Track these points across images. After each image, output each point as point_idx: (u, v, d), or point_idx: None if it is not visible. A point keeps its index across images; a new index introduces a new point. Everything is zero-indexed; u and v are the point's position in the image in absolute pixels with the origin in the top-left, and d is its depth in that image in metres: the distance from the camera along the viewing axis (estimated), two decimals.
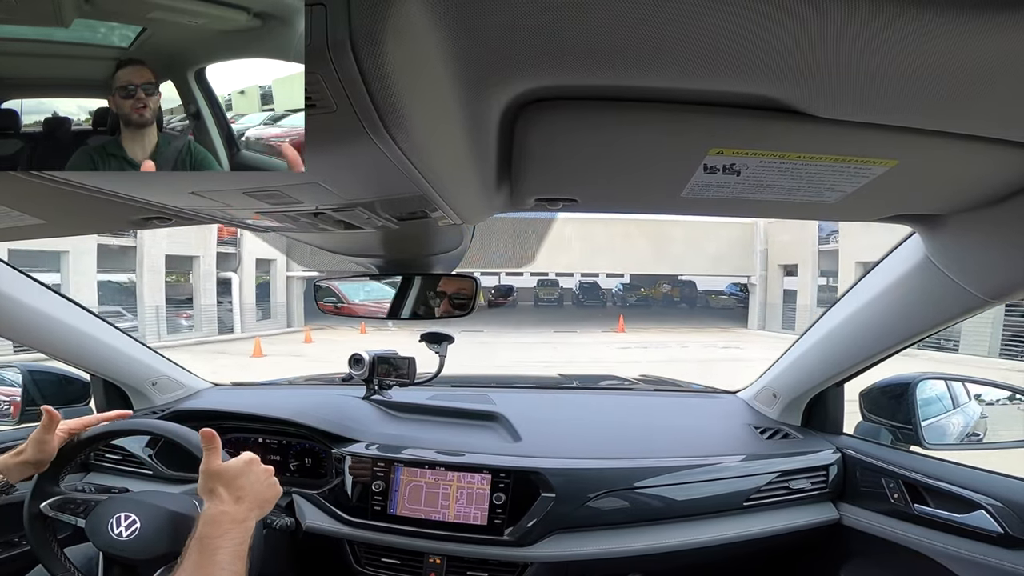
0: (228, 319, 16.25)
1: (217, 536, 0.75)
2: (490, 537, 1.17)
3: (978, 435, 1.30)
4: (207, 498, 0.81)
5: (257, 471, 0.86)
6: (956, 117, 0.51)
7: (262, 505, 0.84)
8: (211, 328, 15.50)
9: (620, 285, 26.86)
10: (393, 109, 0.40)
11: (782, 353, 1.45)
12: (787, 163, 0.60)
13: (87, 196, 0.61)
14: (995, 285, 0.86)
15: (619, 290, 26.73)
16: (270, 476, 0.88)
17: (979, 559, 1.02)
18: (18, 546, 1.30)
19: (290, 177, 0.55)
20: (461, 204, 0.73)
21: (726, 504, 1.23)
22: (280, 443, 1.39)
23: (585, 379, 1.96)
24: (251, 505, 0.82)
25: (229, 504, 0.79)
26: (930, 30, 0.36)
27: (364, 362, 1.53)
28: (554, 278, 26.72)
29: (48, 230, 0.88)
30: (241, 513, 0.80)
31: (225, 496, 0.80)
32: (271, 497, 0.87)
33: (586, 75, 0.46)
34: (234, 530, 0.77)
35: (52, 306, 1.28)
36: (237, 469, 0.84)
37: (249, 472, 0.85)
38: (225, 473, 0.82)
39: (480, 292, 1.36)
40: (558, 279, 26.62)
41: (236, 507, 0.80)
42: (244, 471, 0.84)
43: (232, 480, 0.82)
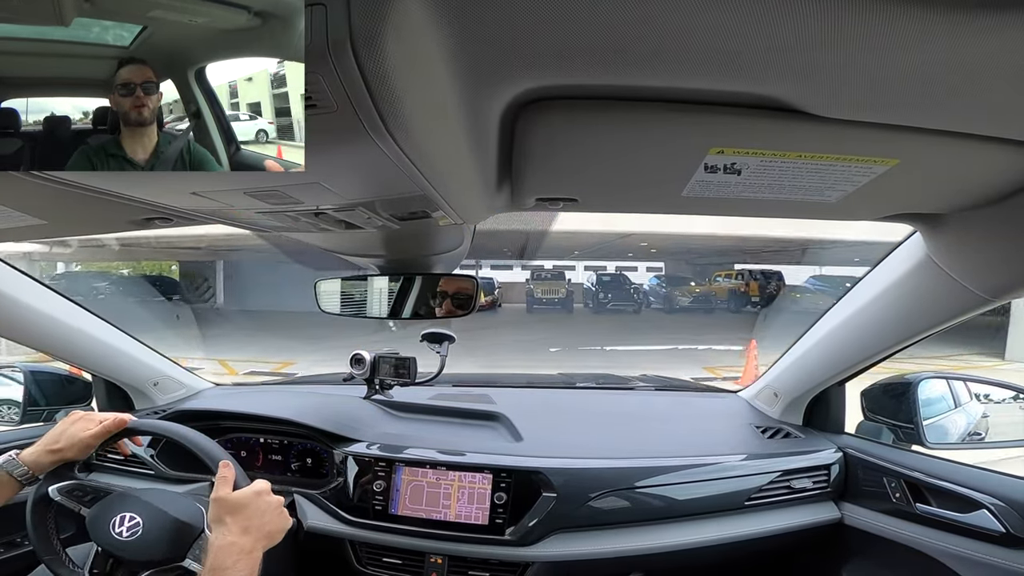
0: None
1: (227, 568, 0.77)
2: (491, 537, 1.17)
3: (980, 434, 1.30)
4: (215, 526, 0.82)
5: (267, 502, 0.87)
6: (957, 116, 0.51)
7: (270, 536, 0.85)
8: None
9: (655, 279, 17.99)
10: (393, 109, 0.40)
11: (783, 352, 1.45)
12: (788, 162, 0.60)
13: (88, 197, 0.61)
14: (996, 283, 0.86)
15: (653, 286, 17.33)
16: (280, 507, 0.89)
17: (981, 558, 1.02)
18: (20, 546, 1.31)
19: (291, 177, 0.55)
20: (461, 204, 0.73)
21: (728, 504, 1.23)
22: (281, 443, 1.39)
23: (586, 378, 1.96)
24: (258, 536, 0.83)
25: (237, 535, 0.81)
26: (931, 29, 0.36)
27: (365, 362, 1.53)
28: (557, 268, 18.18)
29: (48, 231, 0.88)
30: (248, 544, 0.81)
31: (233, 528, 0.81)
32: (280, 529, 0.88)
33: (586, 75, 0.45)
34: (243, 561, 0.78)
35: (53, 306, 1.28)
36: (247, 500, 0.85)
37: (258, 503, 0.86)
38: (235, 504, 0.83)
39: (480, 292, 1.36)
40: (563, 271, 18.05)
41: (243, 538, 0.81)
42: (253, 502, 0.85)
43: (241, 511, 0.83)
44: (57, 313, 1.29)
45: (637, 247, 16.14)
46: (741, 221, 9.16)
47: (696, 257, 18.15)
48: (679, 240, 13.61)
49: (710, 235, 11.87)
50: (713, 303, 15.72)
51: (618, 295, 16.01)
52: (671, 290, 16.31)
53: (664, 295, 16.41)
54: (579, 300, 16.85)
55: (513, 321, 14.03)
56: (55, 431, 0.94)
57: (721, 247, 14.96)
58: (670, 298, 16.05)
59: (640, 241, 14.41)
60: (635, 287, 16.52)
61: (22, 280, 1.22)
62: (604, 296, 15.91)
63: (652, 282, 17.71)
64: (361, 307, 1.47)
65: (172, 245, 13.09)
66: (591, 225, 10.97)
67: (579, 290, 17.25)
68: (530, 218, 8.05)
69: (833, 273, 14.15)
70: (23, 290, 1.21)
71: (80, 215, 0.80)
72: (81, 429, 0.94)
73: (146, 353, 1.55)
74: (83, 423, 0.95)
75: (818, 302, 11.79)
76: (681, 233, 11.82)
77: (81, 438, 0.93)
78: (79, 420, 0.96)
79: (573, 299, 16.59)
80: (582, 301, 16.82)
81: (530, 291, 16.92)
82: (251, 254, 14.51)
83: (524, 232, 11.59)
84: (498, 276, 18.33)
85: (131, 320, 1.46)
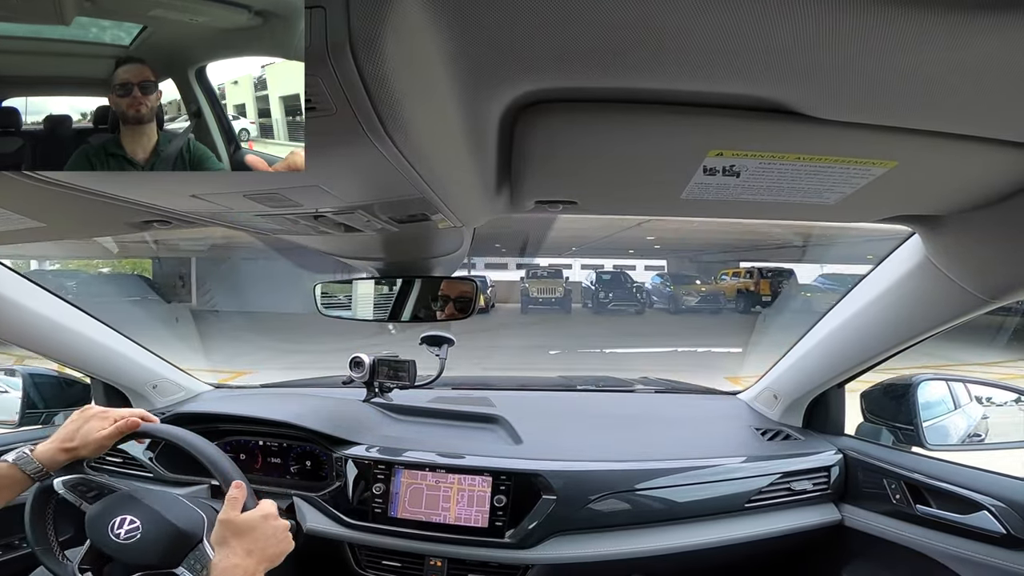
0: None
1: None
2: (491, 539, 1.17)
3: (980, 436, 1.30)
4: (219, 547, 0.83)
5: (273, 527, 0.87)
6: (955, 117, 0.51)
7: (272, 559, 0.86)
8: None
9: (657, 277, 16.73)
10: (392, 111, 0.40)
11: (783, 354, 1.45)
12: (786, 164, 0.60)
13: (86, 199, 0.61)
14: (995, 285, 0.86)
15: (656, 285, 15.96)
16: (285, 531, 0.89)
17: (982, 560, 1.02)
18: (18, 549, 1.30)
19: (290, 179, 0.55)
20: (461, 206, 0.73)
21: (728, 506, 1.23)
22: (281, 446, 1.39)
23: (586, 380, 1.95)
24: (261, 559, 0.83)
25: (240, 557, 0.81)
26: (929, 31, 0.36)
27: (365, 365, 1.53)
28: (554, 266, 16.99)
29: (47, 233, 0.88)
30: (252, 567, 0.81)
31: (238, 550, 0.82)
32: (282, 552, 0.88)
33: (585, 77, 0.46)
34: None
35: (52, 309, 1.28)
36: (254, 523, 0.85)
37: (264, 527, 0.86)
38: (242, 527, 0.84)
39: (480, 295, 1.36)
40: (560, 269, 16.89)
41: (247, 560, 0.81)
42: (259, 525, 0.85)
43: (247, 534, 0.83)
44: (56, 316, 1.28)
45: (641, 242, 15.55)
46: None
47: (699, 254, 17.60)
48: (687, 234, 13.24)
49: (720, 228, 11.59)
50: (721, 303, 14.60)
51: (620, 294, 14.74)
52: (677, 289, 14.99)
53: (669, 295, 15.01)
54: (577, 299, 15.71)
55: (508, 323, 13.15)
56: (69, 428, 0.92)
57: (728, 242, 14.57)
58: (675, 298, 14.77)
59: (647, 235, 14.05)
60: (637, 286, 15.18)
61: (22, 283, 1.21)
62: (605, 295, 14.70)
63: (655, 280, 16.30)
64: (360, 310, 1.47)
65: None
66: (591, 220, 10.40)
67: (577, 289, 16.16)
68: (526, 215, 7.98)
69: (843, 271, 13.36)
70: (22, 293, 1.21)
71: (79, 217, 0.80)
72: (96, 428, 0.92)
73: (144, 356, 1.55)
74: (97, 421, 0.93)
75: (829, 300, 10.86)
76: (689, 227, 11.57)
77: (95, 437, 0.91)
78: (93, 418, 0.93)
79: (571, 298, 15.43)
80: (580, 300, 15.75)
81: (525, 290, 15.51)
82: (225, 251, 13.98)
83: (520, 229, 11.03)
84: (491, 275, 17.26)
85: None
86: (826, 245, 13.74)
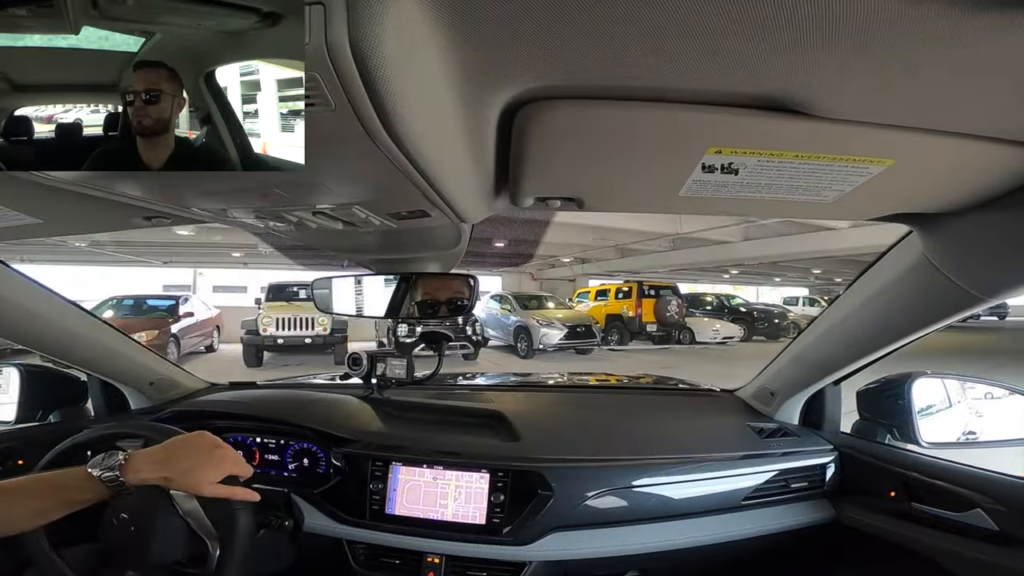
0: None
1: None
2: (489, 536, 1.17)
3: (974, 433, 1.31)
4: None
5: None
6: (953, 116, 0.51)
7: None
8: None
9: (495, 299, 12.08)
10: (391, 108, 0.40)
11: (779, 352, 1.46)
12: (785, 162, 0.61)
13: (85, 196, 0.61)
14: (991, 283, 0.86)
15: (493, 312, 11.45)
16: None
17: (975, 557, 1.03)
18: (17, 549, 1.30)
19: (289, 176, 0.55)
20: (459, 203, 0.73)
21: (724, 503, 1.23)
22: (278, 443, 1.39)
23: (583, 378, 1.96)
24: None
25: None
26: (929, 29, 0.37)
27: (362, 361, 1.53)
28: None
29: (45, 230, 0.88)
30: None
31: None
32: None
33: (584, 74, 0.46)
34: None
35: (49, 305, 1.27)
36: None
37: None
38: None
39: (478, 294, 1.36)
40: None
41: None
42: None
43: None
44: (53, 312, 1.28)
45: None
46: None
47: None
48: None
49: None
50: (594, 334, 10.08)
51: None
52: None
53: (513, 325, 10.33)
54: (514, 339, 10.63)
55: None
56: (179, 461, 0.81)
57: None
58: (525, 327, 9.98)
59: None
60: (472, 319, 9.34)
61: (18, 279, 1.21)
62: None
63: (491, 304, 11.61)
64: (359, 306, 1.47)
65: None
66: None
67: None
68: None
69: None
70: (18, 289, 1.20)
71: (77, 214, 0.79)
72: (206, 479, 0.81)
73: (142, 353, 1.54)
74: (210, 469, 0.81)
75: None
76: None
77: (196, 485, 0.80)
78: (207, 461, 0.81)
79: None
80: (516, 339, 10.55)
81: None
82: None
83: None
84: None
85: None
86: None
